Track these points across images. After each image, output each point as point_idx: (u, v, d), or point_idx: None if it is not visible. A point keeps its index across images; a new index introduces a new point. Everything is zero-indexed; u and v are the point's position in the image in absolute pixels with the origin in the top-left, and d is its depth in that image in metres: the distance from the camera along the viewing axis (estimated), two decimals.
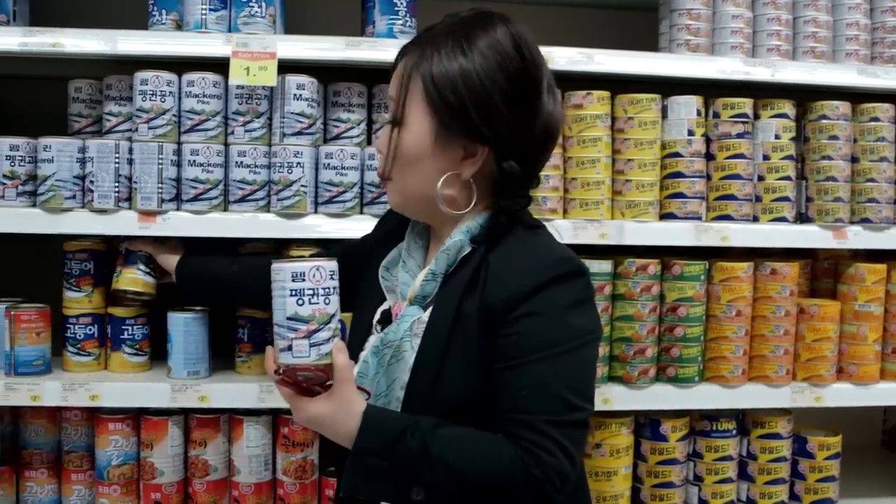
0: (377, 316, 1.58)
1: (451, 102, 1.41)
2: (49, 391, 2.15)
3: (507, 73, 1.42)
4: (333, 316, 1.34)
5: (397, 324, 1.48)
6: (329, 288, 1.34)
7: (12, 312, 2.18)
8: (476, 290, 1.41)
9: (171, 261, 2.17)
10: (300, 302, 1.32)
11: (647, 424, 2.40)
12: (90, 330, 2.23)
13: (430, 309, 1.47)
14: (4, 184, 2.15)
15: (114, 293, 2.21)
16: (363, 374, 1.49)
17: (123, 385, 2.18)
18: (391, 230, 1.67)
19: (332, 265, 1.35)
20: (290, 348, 1.33)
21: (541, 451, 1.32)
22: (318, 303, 1.33)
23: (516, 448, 1.33)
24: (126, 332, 2.23)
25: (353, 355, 1.51)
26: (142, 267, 2.19)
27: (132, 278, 2.19)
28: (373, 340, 1.53)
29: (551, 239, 1.51)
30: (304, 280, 1.32)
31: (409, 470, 1.31)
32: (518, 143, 1.45)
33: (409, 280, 1.54)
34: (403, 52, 1.53)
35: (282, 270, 1.34)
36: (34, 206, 2.16)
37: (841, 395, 2.43)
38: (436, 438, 1.33)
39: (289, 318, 1.33)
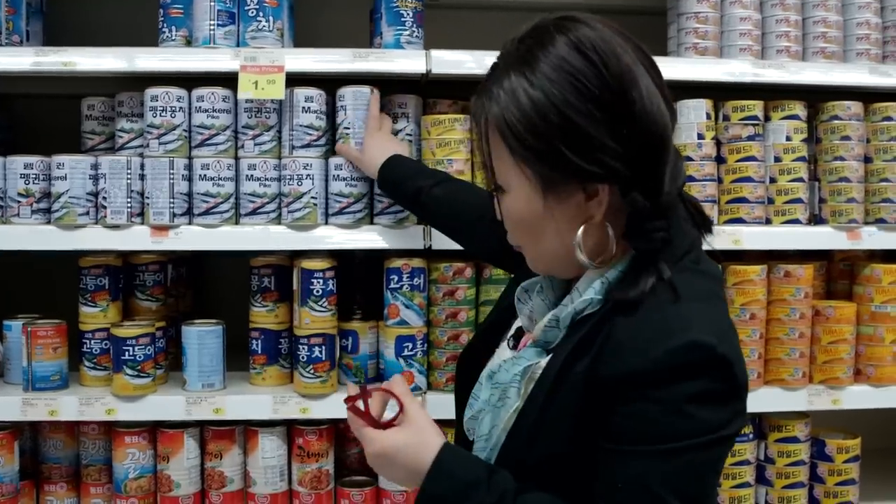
0: (511, 331, 1.46)
1: (539, 148, 1.20)
2: (66, 406, 2.17)
3: (584, 92, 1.19)
4: None
5: (512, 364, 1.32)
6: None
7: (29, 328, 2.21)
8: (589, 353, 1.22)
9: (370, 166, 2.12)
10: None
11: None
12: (105, 345, 2.24)
13: (549, 357, 1.30)
14: (19, 201, 2.18)
15: None
16: (475, 395, 1.40)
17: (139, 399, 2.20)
18: None
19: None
20: None
21: None
22: None
23: None
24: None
25: (484, 347, 1.48)
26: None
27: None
28: (496, 360, 1.42)
29: (700, 307, 1.22)
30: None
31: None
32: (634, 165, 1.21)
33: (541, 308, 1.38)
34: (477, 97, 1.31)
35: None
36: (49, 223, 2.19)
37: (859, 397, 2.40)
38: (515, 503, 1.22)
39: None
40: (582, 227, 1.24)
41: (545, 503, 1.23)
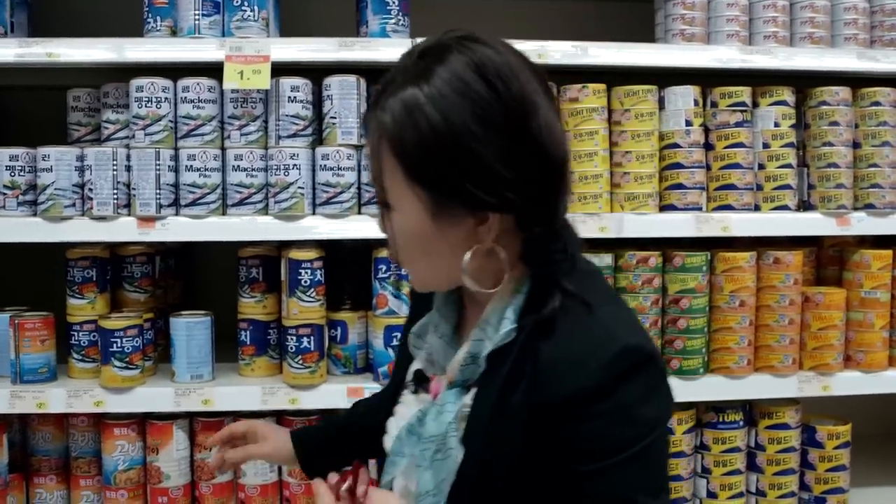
0: (409, 375, 1.39)
1: (435, 174, 1.16)
2: (54, 398, 2.17)
3: (485, 119, 1.14)
4: None
5: (438, 412, 1.27)
6: None
7: (17, 321, 2.20)
8: (521, 383, 1.18)
9: (279, 453, 1.68)
10: None
11: None
12: (93, 336, 2.24)
13: (472, 391, 1.25)
14: (5, 194, 2.17)
15: None
16: (397, 452, 1.32)
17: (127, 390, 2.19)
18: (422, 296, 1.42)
19: None
20: None
21: None
22: None
23: None
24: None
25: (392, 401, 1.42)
26: None
27: None
28: (404, 411, 1.36)
29: (611, 309, 1.22)
30: None
31: None
32: (531, 196, 1.17)
33: (440, 346, 1.32)
34: (370, 110, 1.23)
35: None
36: (35, 215, 2.19)
37: (849, 383, 2.40)
38: None
39: None
40: (469, 253, 1.20)
41: None
